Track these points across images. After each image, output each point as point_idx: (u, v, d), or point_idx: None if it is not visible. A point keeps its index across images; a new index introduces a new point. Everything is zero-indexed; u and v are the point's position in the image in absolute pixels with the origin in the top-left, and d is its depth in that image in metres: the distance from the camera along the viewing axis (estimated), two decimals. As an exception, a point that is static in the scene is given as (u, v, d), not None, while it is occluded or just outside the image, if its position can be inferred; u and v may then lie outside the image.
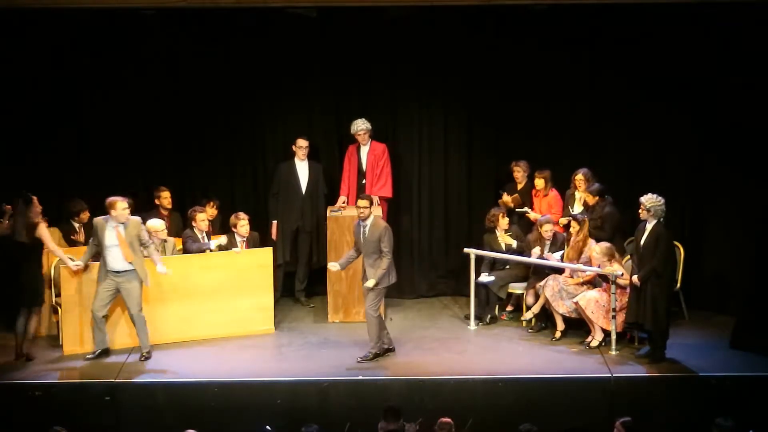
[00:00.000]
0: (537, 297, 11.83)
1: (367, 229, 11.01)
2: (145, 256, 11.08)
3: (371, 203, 11.09)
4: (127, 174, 12.83)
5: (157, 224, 11.79)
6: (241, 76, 12.78)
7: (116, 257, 10.93)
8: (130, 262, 10.92)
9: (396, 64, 12.89)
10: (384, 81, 12.95)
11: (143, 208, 12.16)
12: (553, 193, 12.41)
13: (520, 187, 12.60)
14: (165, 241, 11.81)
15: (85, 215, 12.03)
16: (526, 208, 12.40)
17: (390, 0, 12.06)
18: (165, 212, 12.29)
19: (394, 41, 12.73)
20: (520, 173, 12.58)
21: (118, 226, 10.93)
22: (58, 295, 11.45)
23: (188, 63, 12.72)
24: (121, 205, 10.93)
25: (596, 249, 11.32)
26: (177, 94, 12.75)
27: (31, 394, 10.42)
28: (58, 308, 11.48)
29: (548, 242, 11.90)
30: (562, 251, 11.79)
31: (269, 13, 12.23)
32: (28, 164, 12.63)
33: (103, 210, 11.96)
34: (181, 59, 12.70)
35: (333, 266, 11.28)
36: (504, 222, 12.19)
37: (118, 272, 10.94)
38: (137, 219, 11.11)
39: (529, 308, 11.94)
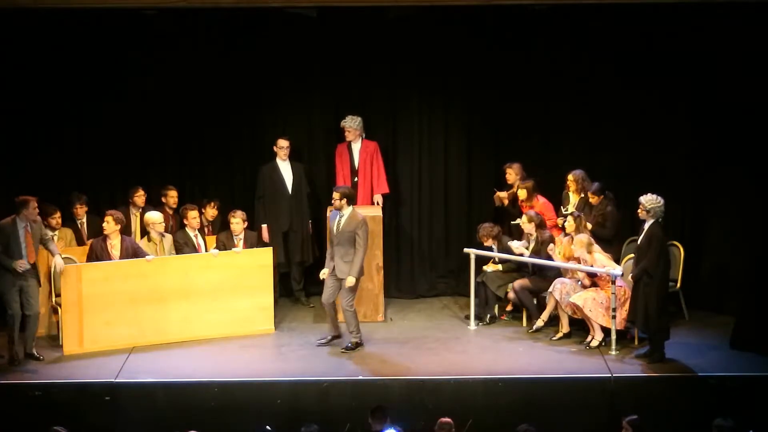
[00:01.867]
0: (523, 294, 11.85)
1: (343, 219, 11.09)
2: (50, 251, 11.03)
3: (344, 196, 11.10)
4: (127, 174, 12.84)
5: (155, 216, 11.81)
6: (241, 76, 12.78)
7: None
8: (32, 263, 10.85)
9: (396, 64, 12.89)
10: (384, 81, 12.95)
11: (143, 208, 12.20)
12: (541, 201, 12.25)
13: (513, 190, 12.53)
14: (163, 235, 11.83)
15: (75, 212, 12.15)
16: (518, 220, 12.27)
17: (390, 0, 12.06)
18: (170, 211, 12.30)
19: (394, 41, 12.72)
20: (511, 176, 12.45)
21: (27, 225, 10.86)
22: (58, 295, 11.45)
23: (188, 63, 12.71)
24: (32, 204, 10.86)
25: (575, 243, 11.34)
26: (177, 94, 12.74)
27: (31, 394, 10.41)
28: (58, 308, 11.47)
29: (529, 236, 11.87)
30: (524, 241, 11.81)
31: (269, 13, 12.23)
32: (28, 164, 12.61)
33: (99, 210, 12.02)
34: (181, 59, 12.70)
35: (323, 273, 11.28)
36: (489, 242, 12.11)
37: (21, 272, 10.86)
38: (38, 218, 11.11)
39: (512, 304, 12.04)
